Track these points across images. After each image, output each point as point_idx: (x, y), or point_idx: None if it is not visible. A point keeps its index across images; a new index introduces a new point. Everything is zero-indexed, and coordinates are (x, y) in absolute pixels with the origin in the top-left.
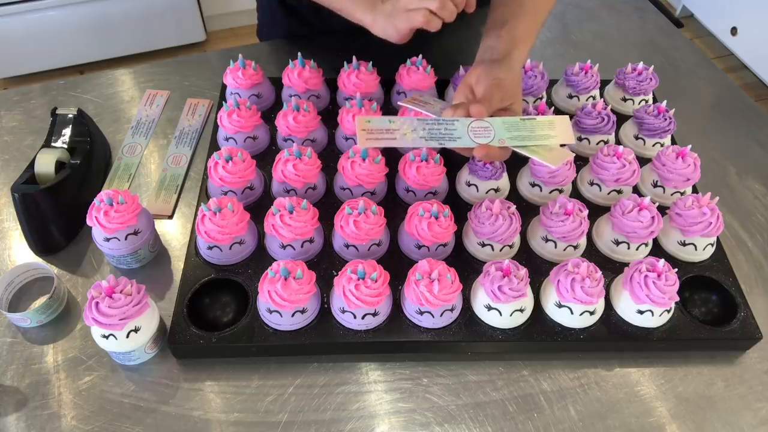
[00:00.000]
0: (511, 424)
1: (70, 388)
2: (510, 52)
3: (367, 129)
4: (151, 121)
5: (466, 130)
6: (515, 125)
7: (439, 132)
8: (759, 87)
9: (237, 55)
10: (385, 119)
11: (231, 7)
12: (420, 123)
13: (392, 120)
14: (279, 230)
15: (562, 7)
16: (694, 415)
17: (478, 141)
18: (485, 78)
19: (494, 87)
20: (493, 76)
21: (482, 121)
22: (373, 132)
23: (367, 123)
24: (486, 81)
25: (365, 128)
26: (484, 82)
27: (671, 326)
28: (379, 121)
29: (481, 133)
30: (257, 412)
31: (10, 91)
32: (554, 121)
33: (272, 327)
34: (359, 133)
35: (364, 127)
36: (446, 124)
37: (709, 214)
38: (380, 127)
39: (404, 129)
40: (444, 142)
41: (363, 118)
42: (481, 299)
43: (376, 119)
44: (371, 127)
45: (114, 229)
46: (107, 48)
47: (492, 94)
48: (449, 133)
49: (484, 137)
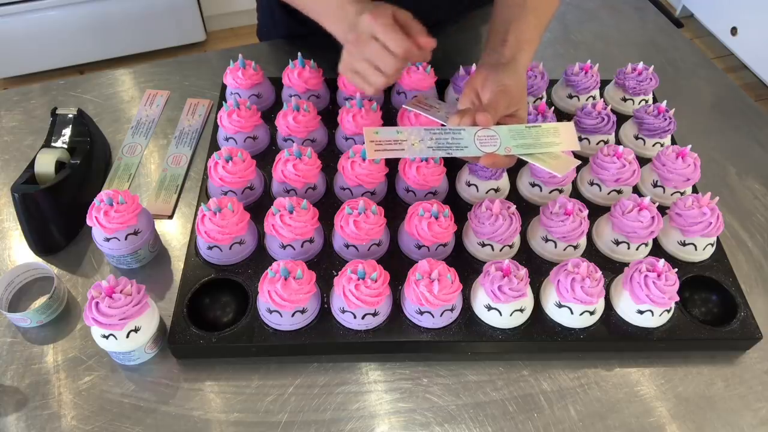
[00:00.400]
0: (511, 424)
1: (70, 388)
2: (515, 55)
3: (375, 140)
4: (151, 121)
5: (473, 138)
6: (520, 133)
7: (446, 141)
8: (759, 87)
9: (237, 55)
10: (393, 130)
11: (231, 7)
12: (427, 133)
13: (400, 131)
14: (279, 230)
15: (562, 7)
16: (694, 415)
17: (485, 150)
18: (491, 84)
19: (500, 94)
20: (499, 83)
21: (488, 129)
22: (381, 143)
23: (375, 134)
24: (492, 87)
25: (373, 140)
26: (490, 88)
27: (671, 326)
28: (386, 132)
29: (488, 141)
30: (257, 412)
31: (10, 91)
32: (558, 128)
33: (272, 327)
34: (368, 144)
35: (372, 138)
36: (453, 133)
37: (709, 214)
38: (388, 138)
39: (412, 139)
40: (451, 152)
41: (371, 129)
42: (481, 299)
43: (384, 130)
44: (379, 139)
45: (114, 229)
46: (107, 48)
47: (498, 100)
48: (456, 143)
49: (490, 146)
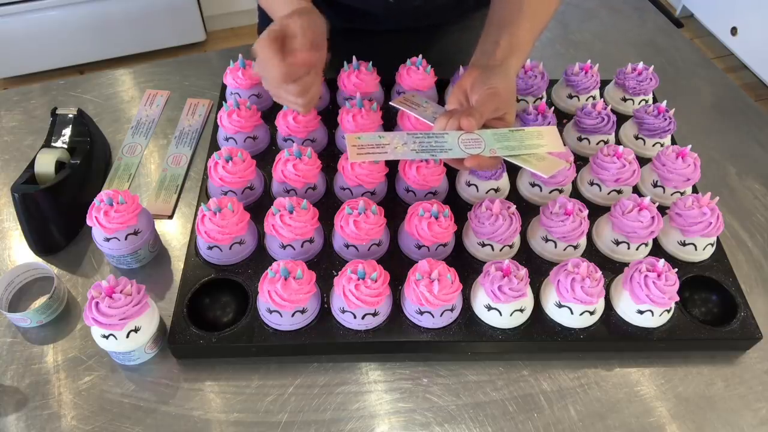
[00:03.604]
0: (511, 424)
1: (70, 388)
2: (506, 59)
3: (358, 145)
4: (151, 121)
5: (457, 141)
6: (505, 136)
7: (429, 144)
8: (759, 87)
9: (237, 55)
10: (375, 135)
11: (231, 7)
12: (410, 137)
13: (382, 135)
14: (279, 230)
15: (562, 7)
16: (694, 415)
17: (469, 151)
18: (480, 85)
19: (489, 96)
20: (488, 85)
21: (472, 133)
22: (363, 147)
23: (357, 139)
24: (481, 89)
25: (355, 144)
26: (479, 90)
27: (671, 326)
28: (369, 137)
29: (472, 144)
30: (257, 412)
31: (10, 91)
32: (542, 131)
33: (272, 327)
34: (350, 149)
35: (354, 143)
36: (436, 137)
37: (709, 214)
38: (371, 143)
39: (395, 143)
40: (435, 154)
41: (353, 135)
42: (481, 299)
43: (366, 135)
44: (361, 143)
45: (114, 229)
46: (107, 48)
47: (486, 102)
48: (440, 145)
49: (474, 148)
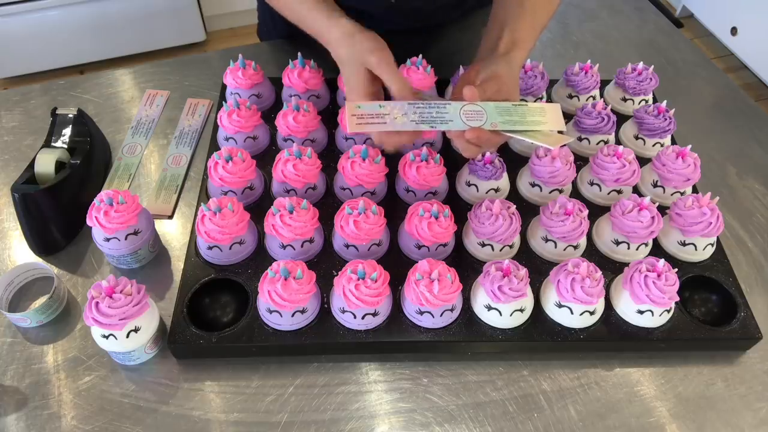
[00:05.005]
0: (511, 424)
1: (70, 388)
2: (509, 51)
3: (357, 114)
4: (151, 121)
5: (458, 113)
6: (507, 110)
7: (430, 115)
8: (759, 87)
9: (237, 55)
10: (376, 104)
11: (231, 7)
12: (410, 107)
13: (383, 105)
14: (279, 230)
15: (562, 7)
16: (694, 415)
17: (470, 124)
18: (484, 71)
19: (491, 79)
20: (491, 70)
21: (475, 105)
22: (363, 117)
23: (357, 108)
24: (484, 74)
25: (355, 113)
26: (482, 75)
27: (671, 326)
28: (369, 106)
29: (474, 116)
30: (257, 412)
31: (10, 91)
32: (545, 108)
33: (272, 327)
34: (349, 118)
35: (354, 112)
36: (438, 107)
37: (709, 214)
38: (370, 112)
39: (395, 113)
40: (435, 125)
41: (353, 103)
42: (481, 299)
43: (367, 104)
44: (361, 112)
45: (114, 229)
46: (107, 48)
47: (489, 82)
48: (441, 116)
49: (476, 120)
